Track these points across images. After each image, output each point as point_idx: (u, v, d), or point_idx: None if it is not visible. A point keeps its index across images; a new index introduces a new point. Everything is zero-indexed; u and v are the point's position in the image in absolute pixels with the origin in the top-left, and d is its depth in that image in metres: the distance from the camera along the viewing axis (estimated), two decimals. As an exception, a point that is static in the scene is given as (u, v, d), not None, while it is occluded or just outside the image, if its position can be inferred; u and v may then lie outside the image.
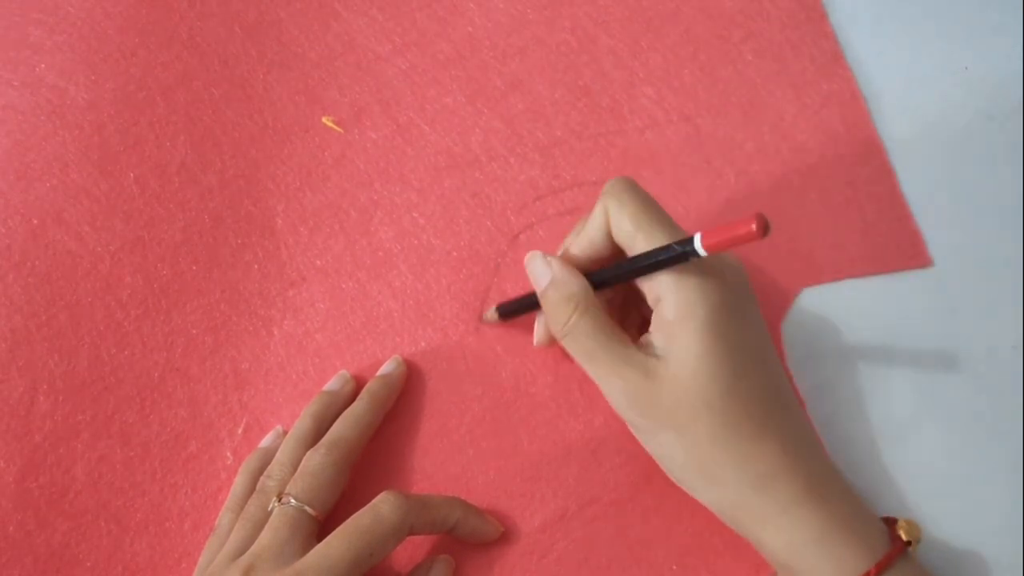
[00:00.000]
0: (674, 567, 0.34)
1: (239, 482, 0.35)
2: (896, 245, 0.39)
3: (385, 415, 0.36)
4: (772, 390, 0.30)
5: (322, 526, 0.32)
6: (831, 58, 0.42)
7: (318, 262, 0.39)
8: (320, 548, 0.30)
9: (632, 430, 0.32)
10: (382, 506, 0.31)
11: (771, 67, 0.42)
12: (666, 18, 0.43)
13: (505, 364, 0.37)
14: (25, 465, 0.35)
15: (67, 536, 0.35)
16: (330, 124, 0.41)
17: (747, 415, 0.29)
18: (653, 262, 0.29)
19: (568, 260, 0.32)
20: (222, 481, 0.36)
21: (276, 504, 0.32)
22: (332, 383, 0.37)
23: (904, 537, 0.30)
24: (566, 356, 0.37)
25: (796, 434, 0.31)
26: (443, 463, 0.36)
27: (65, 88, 0.41)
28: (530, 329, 0.37)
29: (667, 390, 0.29)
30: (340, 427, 0.34)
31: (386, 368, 0.37)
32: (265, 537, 0.30)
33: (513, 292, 0.38)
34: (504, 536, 0.35)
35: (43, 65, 0.41)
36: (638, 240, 0.30)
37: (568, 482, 0.36)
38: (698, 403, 0.29)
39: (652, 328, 0.30)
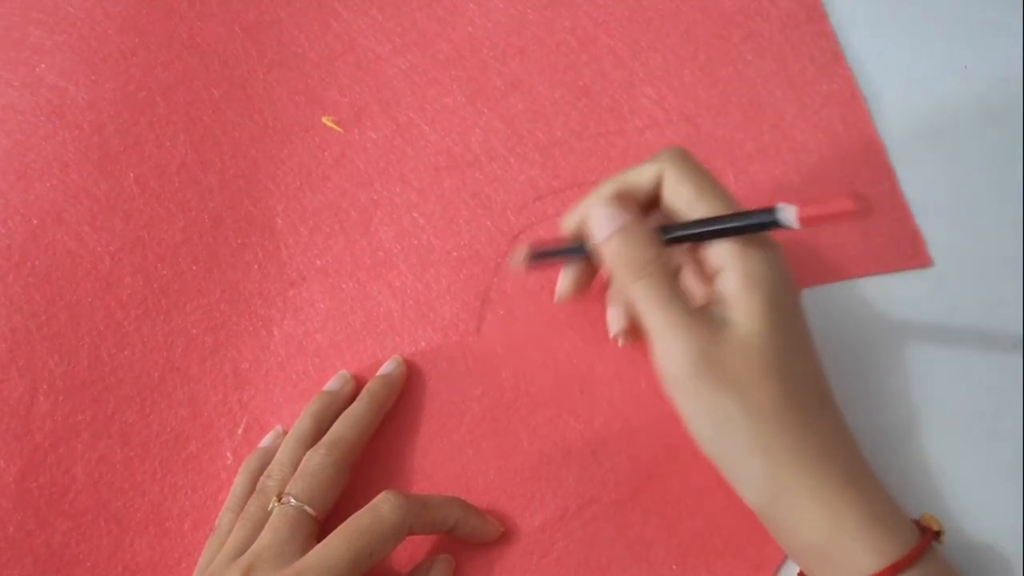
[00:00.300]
0: (674, 567, 0.34)
1: (239, 482, 0.35)
2: (896, 245, 0.39)
3: (385, 415, 0.36)
4: (822, 372, 0.31)
5: (322, 526, 0.32)
6: (831, 58, 0.42)
7: (318, 262, 0.39)
8: (320, 548, 0.30)
9: (681, 395, 0.30)
10: (382, 506, 0.31)
11: (771, 67, 0.42)
12: (666, 18, 0.43)
13: (505, 364, 0.37)
14: (25, 465, 0.35)
15: (67, 536, 0.35)
16: (330, 124, 0.41)
17: (808, 388, 0.29)
18: (738, 225, 0.29)
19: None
20: (222, 481, 0.36)
21: (276, 504, 0.32)
22: (332, 383, 0.37)
23: (934, 527, 0.30)
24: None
25: (841, 418, 0.31)
26: (443, 463, 0.36)
27: (65, 88, 0.41)
28: (530, 329, 0.37)
29: (734, 352, 0.29)
30: (340, 427, 0.34)
31: (386, 368, 0.37)
32: (265, 537, 0.30)
33: (513, 292, 0.38)
34: (504, 536, 0.35)
35: (43, 65, 0.41)
36: (698, 207, 0.30)
37: (568, 482, 0.36)
38: (768, 367, 0.29)
39: (714, 298, 0.30)
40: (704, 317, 0.29)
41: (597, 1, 0.43)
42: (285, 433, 0.36)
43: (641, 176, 0.31)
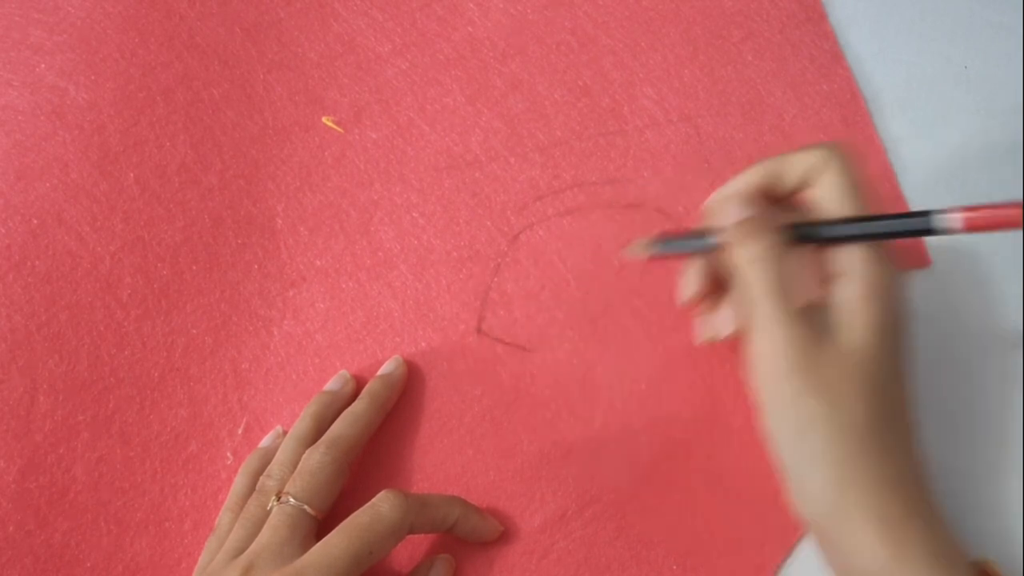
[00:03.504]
0: (674, 567, 0.34)
1: (239, 482, 0.35)
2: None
3: (385, 415, 0.36)
4: (912, 399, 0.30)
5: (321, 525, 0.32)
6: (831, 58, 0.42)
7: (318, 262, 0.39)
8: (319, 547, 0.30)
9: (767, 390, 0.30)
10: (381, 505, 0.31)
11: (771, 67, 0.42)
12: (666, 18, 0.43)
13: (505, 364, 0.37)
14: (25, 465, 0.35)
15: (67, 536, 0.35)
16: (330, 124, 0.41)
17: (897, 413, 0.29)
18: (885, 230, 0.28)
19: (731, 192, 0.32)
20: (222, 481, 0.36)
21: (275, 503, 0.32)
22: (332, 383, 0.37)
23: None
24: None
25: (918, 449, 0.30)
26: (443, 463, 0.36)
27: (65, 88, 0.41)
28: (533, 329, 0.37)
29: (834, 360, 0.28)
30: (339, 426, 0.34)
31: (386, 368, 0.37)
32: (264, 536, 0.30)
33: (513, 292, 0.38)
34: (504, 536, 0.35)
35: (43, 65, 0.41)
36: (847, 204, 0.29)
37: (568, 482, 0.35)
38: (864, 383, 0.28)
39: (826, 303, 0.29)
40: (811, 319, 0.29)
41: (597, 1, 0.43)
42: (285, 433, 0.36)
43: (793, 165, 0.31)
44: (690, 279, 0.34)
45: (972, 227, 0.25)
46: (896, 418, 0.29)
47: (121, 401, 0.36)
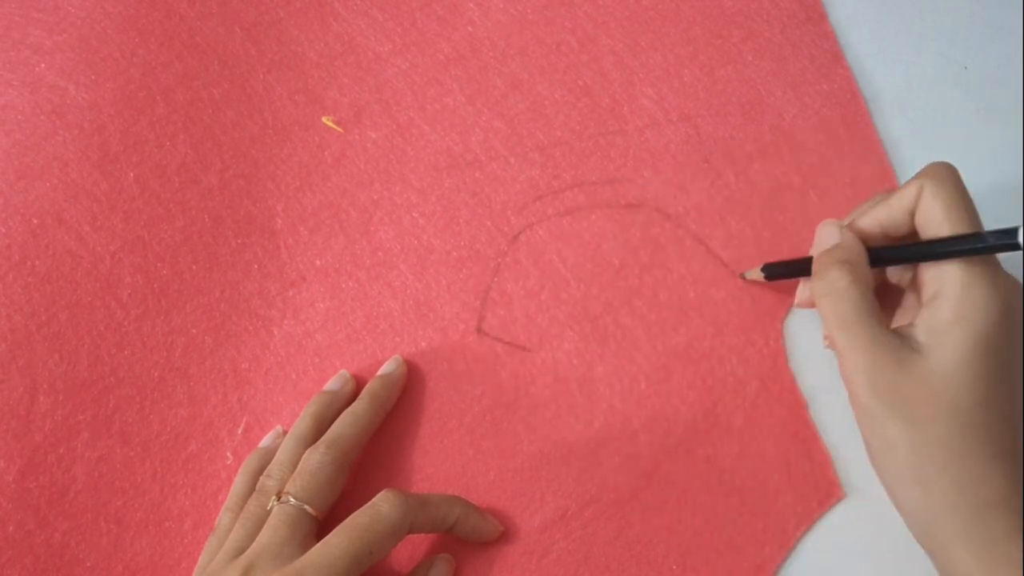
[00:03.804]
0: (674, 567, 0.34)
1: (239, 482, 0.35)
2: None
3: (385, 415, 0.36)
4: (1017, 419, 0.30)
5: (321, 525, 0.32)
6: (831, 58, 0.42)
7: (318, 262, 0.39)
8: (319, 547, 0.30)
9: (857, 411, 0.31)
10: (382, 504, 0.31)
11: (771, 67, 0.42)
12: (666, 18, 0.43)
13: (505, 364, 0.37)
14: (25, 465, 0.35)
15: (67, 536, 0.35)
16: (330, 124, 0.41)
17: (989, 435, 0.28)
18: (958, 249, 0.28)
19: (856, 226, 0.32)
20: (222, 481, 0.36)
21: (275, 503, 0.32)
22: (332, 383, 0.37)
23: None
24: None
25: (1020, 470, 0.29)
26: (443, 463, 0.36)
27: (65, 88, 0.41)
28: (533, 329, 0.37)
29: (916, 382, 0.28)
30: (339, 426, 0.34)
31: (386, 368, 0.37)
32: (264, 536, 0.30)
33: (514, 292, 0.38)
34: (504, 536, 0.35)
35: (43, 65, 0.41)
36: (944, 228, 0.29)
37: (568, 482, 0.36)
38: (944, 405, 0.28)
39: (918, 321, 0.30)
40: (893, 341, 0.29)
41: (597, 1, 0.43)
42: (285, 433, 0.36)
43: (904, 194, 0.31)
44: (802, 289, 0.36)
45: None
46: (988, 441, 0.28)
47: (121, 401, 0.36)
